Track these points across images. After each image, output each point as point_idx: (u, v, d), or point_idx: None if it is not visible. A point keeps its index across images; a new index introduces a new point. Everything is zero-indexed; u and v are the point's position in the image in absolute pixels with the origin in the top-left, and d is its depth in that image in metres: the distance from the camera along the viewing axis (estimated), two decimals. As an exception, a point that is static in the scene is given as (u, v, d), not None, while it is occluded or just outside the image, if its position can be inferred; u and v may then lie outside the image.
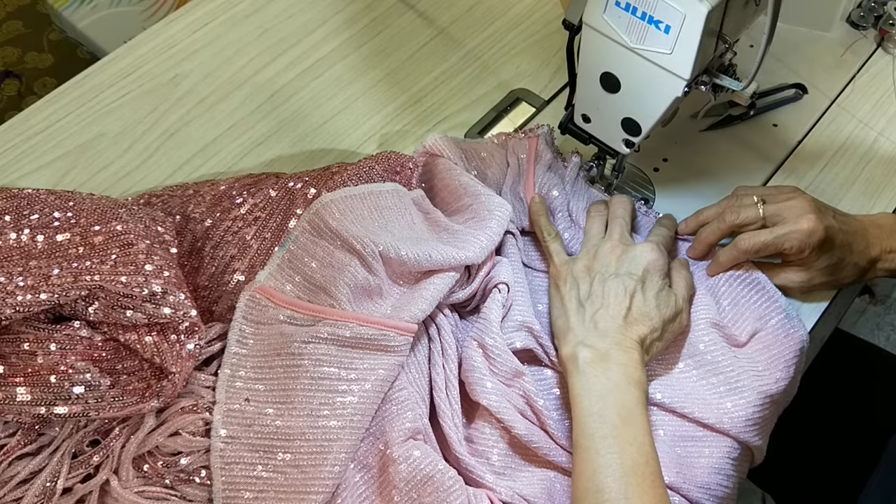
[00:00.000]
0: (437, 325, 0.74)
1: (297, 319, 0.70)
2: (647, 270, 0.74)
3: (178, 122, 0.91)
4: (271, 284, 0.72)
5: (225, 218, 0.76)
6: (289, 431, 0.66)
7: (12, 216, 0.71)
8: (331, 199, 0.74)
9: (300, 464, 0.65)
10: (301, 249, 0.73)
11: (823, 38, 1.00)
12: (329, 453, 0.64)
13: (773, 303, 0.77)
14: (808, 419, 0.91)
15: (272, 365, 0.68)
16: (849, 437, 0.94)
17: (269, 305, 0.71)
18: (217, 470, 0.65)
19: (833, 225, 0.75)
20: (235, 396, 0.67)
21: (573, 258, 0.78)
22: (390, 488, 0.65)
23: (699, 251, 0.81)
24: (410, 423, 0.67)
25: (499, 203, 0.77)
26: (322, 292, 0.71)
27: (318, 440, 0.65)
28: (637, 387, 0.67)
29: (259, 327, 0.70)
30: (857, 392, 0.97)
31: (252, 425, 0.66)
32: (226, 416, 0.67)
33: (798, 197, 0.77)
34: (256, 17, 0.99)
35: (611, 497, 0.62)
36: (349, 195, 0.75)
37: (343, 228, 0.72)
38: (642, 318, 0.71)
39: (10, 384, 0.63)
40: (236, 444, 0.66)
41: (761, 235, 0.76)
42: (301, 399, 0.66)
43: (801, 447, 0.93)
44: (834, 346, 0.86)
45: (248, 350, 0.69)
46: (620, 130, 0.78)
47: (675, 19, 0.65)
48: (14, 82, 1.89)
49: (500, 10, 1.02)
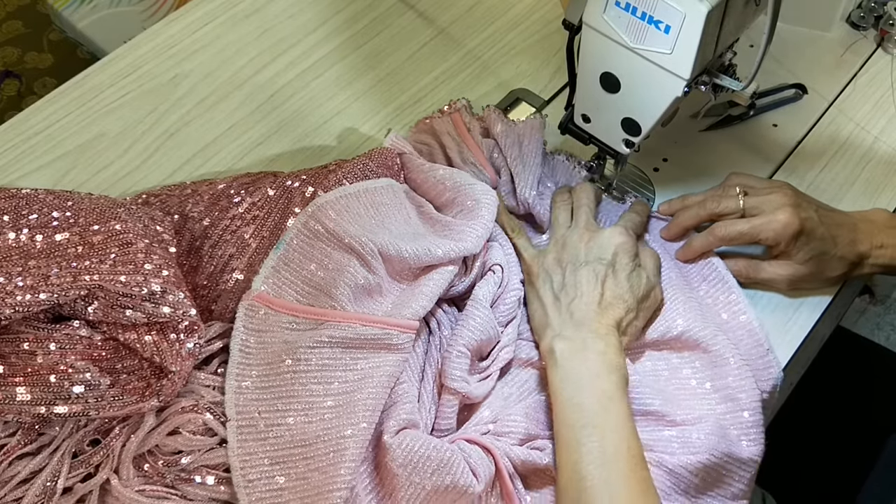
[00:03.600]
0: (437, 320, 0.74)
1: (300, 324, 0.70)
2: (616, 254, 0.75)
3: (178, 122, 0.90)
4: (268, 290, 0.71)
5: (223, 217, 0.76)
6: (304, 437, 0.65)
7: (11, 216, 0.71)
8: (326, 201, 0.74)
9: (320, 466, 0.65)
10: (297, 253, 0.73)
11: (823, 39, 1.00)
12: (346, 450, 0.64)
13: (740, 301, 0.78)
14: (808, 418, 0.91)
15: (279, 372, 0.68)
16: (849, 436, 0.94)
17: (269, 312, 0.71)
18: (241, 489, 0.65)
19: (812, 217, 0.76)
20: (246, 411, 0.67)
21: (542, 251, 0.79)
22: (391, 476, 0.65)
23: (673, 232, 0.82)
24: (406, 416, 0.67)
25: (483, 190, 0.77)
26: (322, 294, 0.71)
27: (333, 440, 0.65)
28: (615, 372, 0.68)
29: (261, 335, 0.70)
30: (857, 390, 0.97)
31: (267, 438, 0.66)
32: (239, 433, 0.66)
33: (778, 190, 0.78)
34: (256, 17, 0.99)
35: (593, 484, 0.62)
36: (344, 195, 0.75)
37: (340, 229, 0.72)
38: (616, 302, 0.72)
39: (9, 384, 0.63)
40: (255, 460, 0.65)
41: (738, 224, 0.78)
42: (313, 404, 0.66)
43: (801, 446, 0.93)
44: (834, 345, 0.86)
45: (252, 360, 0.69)
46: (620, 130, 0.78)
47: (675, 19, 0.65)
48: (14, 82, 1.89)
49: (500, 10, 1.02)
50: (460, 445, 0.67)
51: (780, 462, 0.84)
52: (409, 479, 0.64)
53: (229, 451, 0.66)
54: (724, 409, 0.72)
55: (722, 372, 0.73)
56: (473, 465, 0.66)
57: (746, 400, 0.72)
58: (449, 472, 0.64)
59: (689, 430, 0.70)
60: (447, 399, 0.70)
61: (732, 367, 0.73)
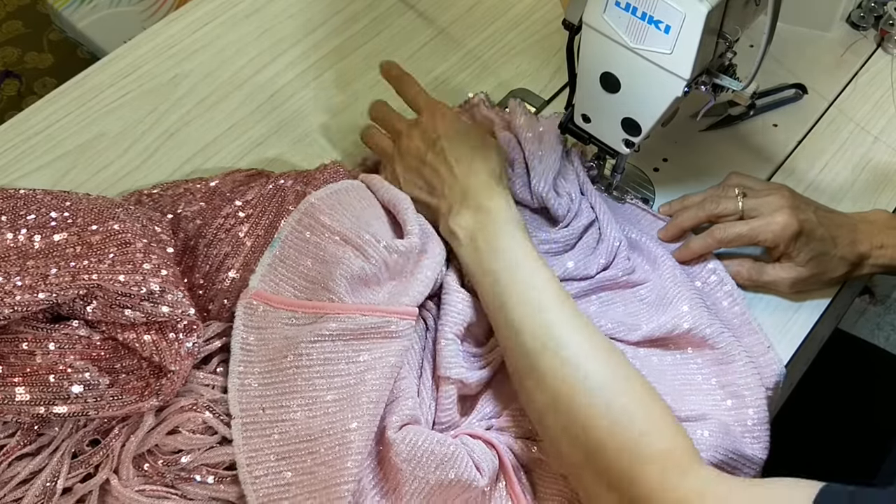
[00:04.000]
0: (433, 316, 0.75)
1: (299, 319, 0.70)
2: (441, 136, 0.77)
3: (178, 122, 0.90)
4: (266, 287, 0.71)
5: (217, 216, 0.76)
6: (309, 432, 0.66)
7: (9, 216, 0.71)
8: (318, 198, 0.75)
9: (326, 460, 0.65)
10: (292, 249, 0.73)
11: (823, 39, 1.00)
12: (352, 443, 0.64)
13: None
14: (808, 419, 0.90)
15: (281, 368, 0.68)
16: (849, 438, 0.93)
17: (269, 309, 0.71)
18: (248, 486, 0.65)
19: (811, 219, 0.77)
20: (250, 408, 0.67)
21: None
22: (395, 472, 0.66)
23: (671, 233, 0.82)
24: (409, 411, 0.67)
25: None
26: (320, 288, 0.71)
27: (339, 434, 0.65)
28: (516, 226, 0.71)
29: (261, 332, 0.70)
30: (857, 392, 0.97)
31: (272, 434, 0.66)
32: (245, 430, 0.66)
33: (776, 192, 0.78)
34: (256, 17, 0.99)
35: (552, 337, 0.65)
36: (335, 190, 0.76)
37: (335, 222, 0.73)
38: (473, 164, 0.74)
39: (8, 384, 0.63)
40: (261, 456, 0.66)
41: (736, 227, 0.78)
42: (316, 399, 0.67)
43: (801, 447, 0.93)
44: (834, 346, 0.86)
45: (254, 357, 0.69)
46: (620, 130, 0.78)
47: (675, 19, 0.65)
48: (14, 82, 1.89)
49: (500, 10, 1.02)
50: (463, 440, 0.67)
51: (780, 462, 0.83)
52: (413, 474, 0.64)
53: (235, 449, 0.66)
54: (730, 405, 0.72)
55: (728, 369, 0.73)
56: (477, 460, 0.66)
57: (751, 398, 0.72)
58: (452, 467, 0.64)
59: (694, 426, 0.70)
60: (445, 391, 0.70)
61: (738, 364, 0.73)
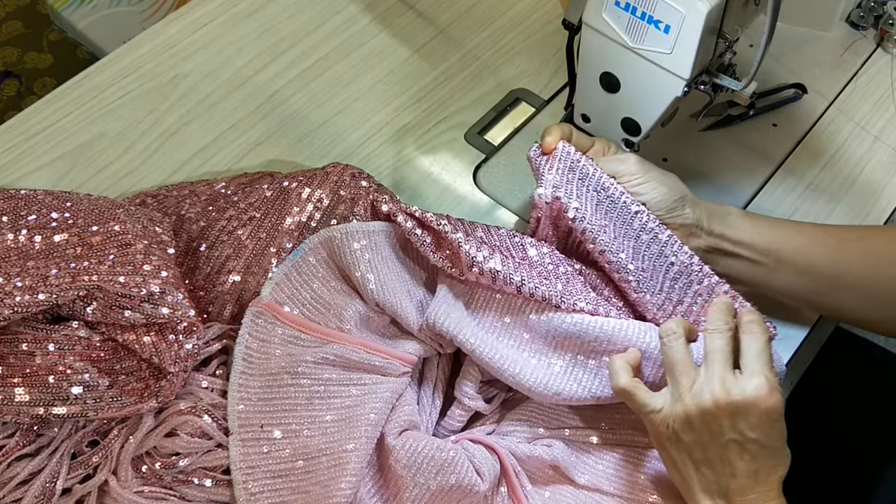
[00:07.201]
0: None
1: (304, 341, 0.70)
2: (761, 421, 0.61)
3: (178, 122, 0.90)
4: (277, 299, 0.71)
5: (220, 218, 0.76)
6: (306, 451, 0.66)
7: (9, 217, 0.71)
8: (355, 229, 0.72)
9: (321, 480, 0.65)
10: (312, 269, 0.72)
11: (823, 38, 1.00)
12: (348, 464, 0.65)
13: None
14: (808, 419, 0.90)
15: (281, 385, 0.68)
16: (850, 438, 0.93)
17: (276, 323, 0.70)
18: (243, 502, 0.65)
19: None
20: (248, 424, 0.67)
21: (671, 408, 0.63)
22: (396, 478, 0.66)
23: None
24: (407, 417, 0.67)
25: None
26: (332, 314, 0.71)
27: (335, 454, 0.65)
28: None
29: (265, 345, 0.70)
30: (857, 392, 0.97)
31: (270, 452, 0.66)
32: (242, 446, 0.66)
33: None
34: (256, 17, 0.99)
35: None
36: (372, 230, 0.73)
37: (360, 265, 0.70)
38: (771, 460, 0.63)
39: (8, 385, 0.63)
40: (257, 473, 0.65)
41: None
42: (315, 418, 0.67)
43: (800, 447, 0.93)
44: (834, 346, 0.86)
45: (255, 370, 0.69)
46: (620, 130, 0.78)
47: (675, 19, 0.65)
48: (14, 82, 1.89)
49: (499, 10, 1.02)
50: (464, 445, 0.67)
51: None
52: (414, 480, 0.64)
53: (231, 465, 0.66)
54: None
55: None
56: (477, 465, 0.66)
57: None
58: (453, 472, 0.64)
59: None
60: (458, 414, 0.71)
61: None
